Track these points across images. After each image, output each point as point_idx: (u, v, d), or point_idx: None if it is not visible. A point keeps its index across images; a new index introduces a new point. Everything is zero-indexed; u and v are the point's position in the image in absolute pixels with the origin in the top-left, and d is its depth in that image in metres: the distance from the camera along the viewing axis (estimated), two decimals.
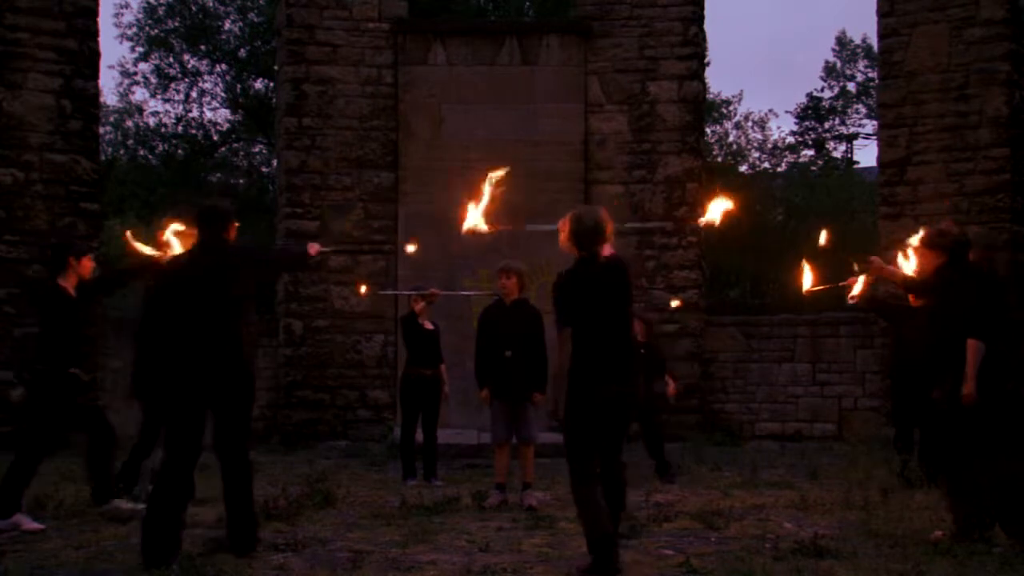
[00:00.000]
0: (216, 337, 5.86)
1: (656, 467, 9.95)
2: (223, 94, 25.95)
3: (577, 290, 5.62)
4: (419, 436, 9.95)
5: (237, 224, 6.22)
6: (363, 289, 12.08)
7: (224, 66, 25.55)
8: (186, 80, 25.70)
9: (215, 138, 26.57)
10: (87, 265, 7.44)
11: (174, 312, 6.01)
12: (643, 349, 9.52)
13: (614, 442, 5.71)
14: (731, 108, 28.52)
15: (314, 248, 6.41)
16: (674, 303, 13.42)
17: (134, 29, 25.04)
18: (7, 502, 7.03)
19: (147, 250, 7.32)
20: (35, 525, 7.00)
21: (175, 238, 6.92)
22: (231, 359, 5.92)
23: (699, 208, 14.58)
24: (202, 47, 25.27)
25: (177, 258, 6.46)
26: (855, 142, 32.13)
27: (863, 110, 31.12)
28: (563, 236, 5.77)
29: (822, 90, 31.50)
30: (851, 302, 7.36)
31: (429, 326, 9.95)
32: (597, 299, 5.60)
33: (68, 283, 7.33)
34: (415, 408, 9.91)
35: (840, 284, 7.24)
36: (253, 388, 6.27)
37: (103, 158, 17.60)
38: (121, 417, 13.54)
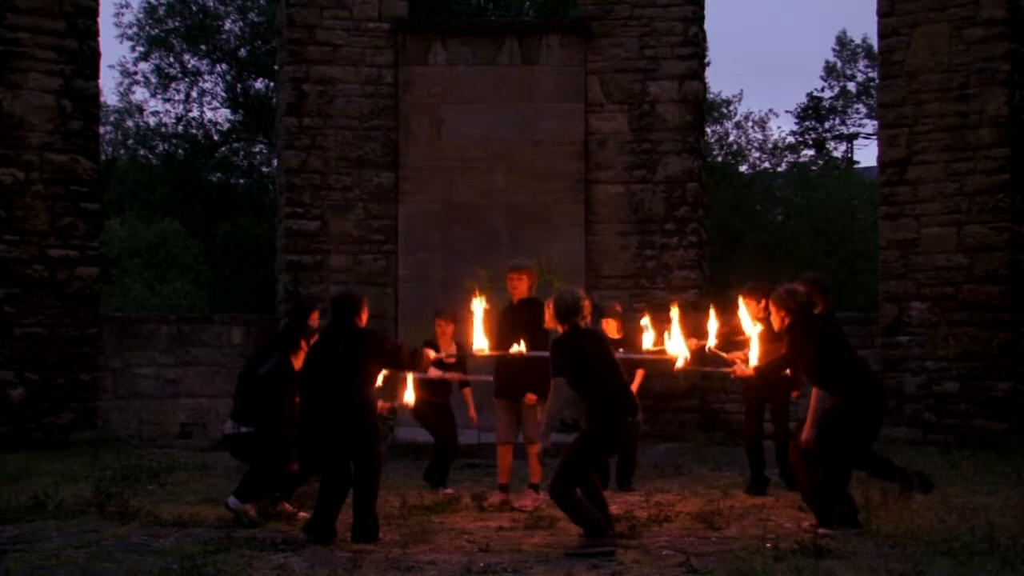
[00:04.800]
0: (350, 400, 6.81)
1: (618, 477, 9.37)
2: (223, 94, 25.96)
3: (570, 350, 6.68)
4: (424, 438, 9.78)
5: (366, 310, 7.26)
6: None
7: (224, 66, 25.55)
8: (186, 80, 25.70)
9: (215, 138, 26.56)
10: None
11: (317, 379, 6.90)
12: (620, 347, 9.33)
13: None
14: (731, 108, 28.52)
15: (432, 370, 8.09)
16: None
17: (134, 29, 25.04)
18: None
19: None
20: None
21: None
22: (363, 418, 6.85)
23: (700, 208, 14.65)
24: (202, 47, 25.26)
25: (320, 338, 7.29)
26: (855, 142, 32.14)
27: (863, 110, 31.12)
28: (548, 314, 6.99)
29: (822, 90, 31.50)
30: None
31: (450, 359, 9.25)
32: (589, 357, 6.66)
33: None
34: (433, 425, 9.51)
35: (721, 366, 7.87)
36: (379, 440, 7.10)
37: (103, 158, 17.60)
38: (123, 417, 13.64)
